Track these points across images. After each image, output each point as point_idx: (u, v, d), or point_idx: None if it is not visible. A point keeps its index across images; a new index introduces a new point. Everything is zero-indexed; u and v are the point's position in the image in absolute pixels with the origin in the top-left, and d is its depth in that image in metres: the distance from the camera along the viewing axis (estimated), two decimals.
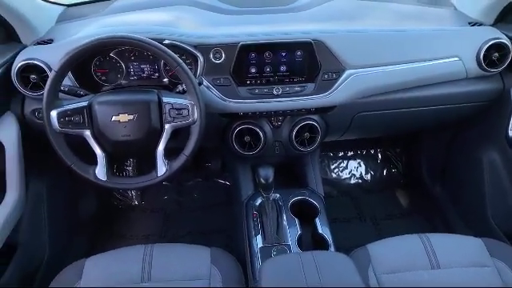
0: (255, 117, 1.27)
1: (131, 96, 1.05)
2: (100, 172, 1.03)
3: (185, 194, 2.00)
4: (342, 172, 2.12)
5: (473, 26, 1.34)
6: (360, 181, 2.09)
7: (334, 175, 2.11)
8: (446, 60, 1.25)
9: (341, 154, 2.13)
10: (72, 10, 1.46)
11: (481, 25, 1.34)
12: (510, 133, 1.32)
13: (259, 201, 1.35)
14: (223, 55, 1.17)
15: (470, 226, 1.59)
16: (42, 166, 1.32)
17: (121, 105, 1.01)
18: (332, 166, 2.12)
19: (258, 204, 1.35)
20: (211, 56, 1.17)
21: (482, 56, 1.24)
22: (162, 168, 1.04)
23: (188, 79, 1.02)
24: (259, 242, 1.22)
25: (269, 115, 1.28)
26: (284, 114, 1.29)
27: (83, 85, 1.15)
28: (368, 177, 2.11)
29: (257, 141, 1.30)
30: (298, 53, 1.19)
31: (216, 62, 1.18)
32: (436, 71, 1.26)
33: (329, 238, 1.25)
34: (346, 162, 2.13)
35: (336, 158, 2.13)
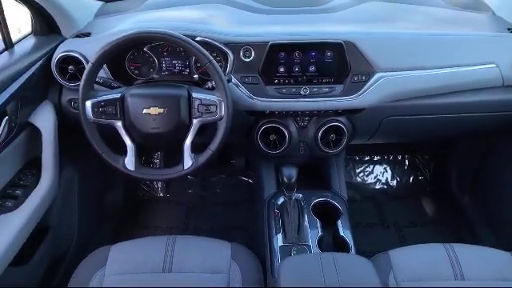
0: (281, 116, 1.27)
1: (162, 90, 1.08)
2: (129, 162, 1.07)
3: (208, 189, 2.03)
4: (367, 176, 2.09)
5: None
6: (385, 186, 2.06)
7: (358, 179, 2.08)
8: (481, 66, 1.21)
9: (367, 158, 2.10)
10: (109, 6, 1.53)
11: None
12: None
13: (281, 200, 1.35)
14: (253, 54, 1.18)
15: (501, 242, 1.52)
16: (74, 154, 1.38)
17: (152, 98, 1.04)
18: (357, 170, 2.09)
19: (279, 203, 1.35)
20: (241, 54, 1.18)
21: None
22: (188, 161, 1.07)
23: (217, 76, 1.04)
24: (279, 240, 1.23)
25: (295, 115, 1.28)
26: (311, 114, 1.28)
27: (117, 77, 1.20)
28: (394, 183, 2.07)
29: (282, 140, 1.30)
30: (328, 53, 1.18)
31: (245, 60, 1.19)
32: (471, 77, 1.22)
33: (350, 241, 1.24)
34: (371, 166, 2.10)
35: (362, 161, 2.10)
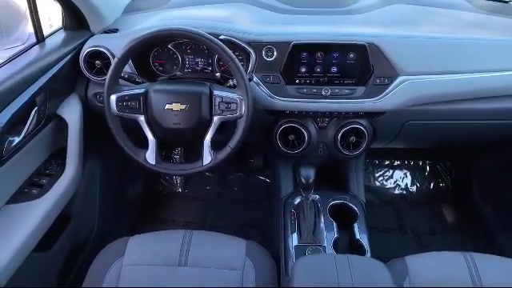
0: (301, 116, 1.27)
1: (185, 87, 1.10)
2: (150, 156, 1.09)
3: (226, 187, 2.05)
4: (386, 181, 2.06)
5: None
6: (404, 192, 2.02)
7: (377, 183, 2.05)
8: (508, 72, 1.18)
9: (387, 162, 2.07)
10: (137, 3, 1.56)
11: None
12: None
13: (298, 200, 1.35)
14: (275, 53, 1.19)
15: None
16: (98, 147, 1.42)
17: (174, 94, 1.06)
18: (376, 174, 2.07)
19: (296, 203, 1.35)
20: (263, 53, 1.19)
21: None
22: (207, 157, 1.08)
23: (239, 74, 1.05)
24: (295, 240, 1.23)
25: (315, 115, 1.28)
26: (331, 115, 1.28)
27: (141, 73, 1.23)
28: (413, 188, 2.03)
29: (301, 140, 1.30)
30: (351, 55, 1.17)
31: (267, 59, 1.19)
32: (498, 83, 1.19)
33: (366, 245, 1.23)
34: (391, 171, 2.07)
35: (381, 166, 2.08)
